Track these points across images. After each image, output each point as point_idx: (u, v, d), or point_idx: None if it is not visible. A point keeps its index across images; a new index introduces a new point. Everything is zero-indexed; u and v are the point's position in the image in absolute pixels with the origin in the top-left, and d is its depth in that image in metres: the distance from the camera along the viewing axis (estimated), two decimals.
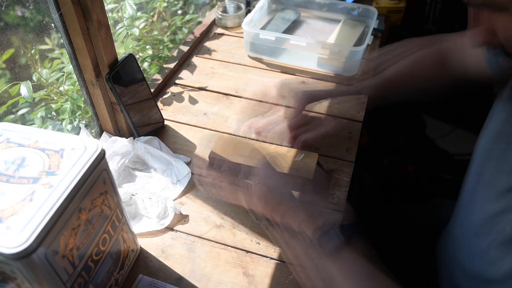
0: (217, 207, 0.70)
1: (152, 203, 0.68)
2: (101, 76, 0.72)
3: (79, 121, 0.83)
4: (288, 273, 0.61)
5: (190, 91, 0.94)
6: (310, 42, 0.94)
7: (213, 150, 0.74)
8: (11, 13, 0.71)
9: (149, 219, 0.68)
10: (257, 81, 0.96)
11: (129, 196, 0.69)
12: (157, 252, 0.64)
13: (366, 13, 1.07)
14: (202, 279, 0.61)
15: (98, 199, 0.48)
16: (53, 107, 0.82)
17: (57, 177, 0.43)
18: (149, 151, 0.75)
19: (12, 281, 0.41)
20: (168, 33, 1.12)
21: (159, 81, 0.93)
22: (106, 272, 0.53)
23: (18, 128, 0.48)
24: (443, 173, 1.42)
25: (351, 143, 0.81)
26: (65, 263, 0.43)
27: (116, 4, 0.93)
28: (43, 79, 0.77)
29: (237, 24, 1.12)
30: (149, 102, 0.82)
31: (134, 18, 0.94)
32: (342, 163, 0.77)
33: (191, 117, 0.87)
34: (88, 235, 0.47)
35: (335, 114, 0.87)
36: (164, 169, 0.75)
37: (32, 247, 0.37)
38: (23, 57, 0.74)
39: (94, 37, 0.67)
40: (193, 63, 1.02)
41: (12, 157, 0.44)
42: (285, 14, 1.12)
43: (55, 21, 0.65)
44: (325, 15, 1.13)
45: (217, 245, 0.65)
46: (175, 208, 0.68)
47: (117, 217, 0.53)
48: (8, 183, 0.42)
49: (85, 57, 0.69)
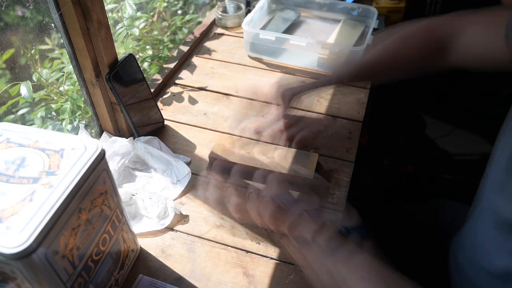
0: (218, 207, 0.70)
1: (152, 203, 0.68)
2: (101, 76, 0.72)
3: (79, 121, 0.83)
4: (288, 273, 0.61)
5: (190, 91, 0.94)
6: (310, 42, 0.94)
7: (213, 150, 0.74)
8: (11, 13, 0.71)
9: (149, 219, 0.68)
10: (257, 81, 0.96)
11: (129, 196, 0.69)
12: (157, 252, 0.64)
13: (366, 13, 1.07)
14: (202, 279, 0.61)
15: (98, 199, 0.48)
16: (53, 107, 0.82)
17: (57, 177, 0.43)
18: (149, 151, 0.75)
19: (12, 281, 0.41)
20: (168, 33, 1.12)
21: (159, 81, 0.93)
22: (106, 272, 0.53)
23: (18, 128, 0.48)
24: (443, 173, 1.42)
25: (351, 143, 0.81)
26: (65, 263, 0.43)
27: (116, 4, 0.93)
28: (43, 79, 0.77)
29: (237, 24, 1.13)
30: (149, 102, 0.82)
31: (134, 18, 0.94)
32: (342, 163, 0.77)
33: (191, 117, 0.87)
34: (88, 235, 0.47)
35: (335, 114, 0.87)
36: (164, 169, 0.75)
37: (32, 247, 0.37)
38: (23, 57, 0.74)
39: (94, 37, 0.67)
40: (193, 63, 1.02)
41: (12, 157, 0.44)
42: (285, 14, 1.12)
43: (55, 21, 0.65)
44: (325, 15, 1.13)
45: (217, 245, 0.65)
46: (175, 208, 0.68)
47: (117, 217, 0.53)
48: (8, 183, 0.42)
49: (85, 57, 0.69)
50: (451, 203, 0.82)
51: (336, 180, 0.74)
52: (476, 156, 1.46)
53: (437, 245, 0.73)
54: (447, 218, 0.78)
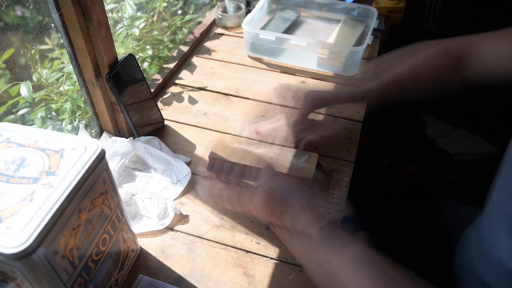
0: (217, 207, 0.70)
1: (152, 203, 0.68)
2: (101, 76, 0.72)
3: (79, 121, 0.83)
4: (288, 273, 0.61)
5: (190, 91, 0.94)
6: (310, 42, 0.94)
7: (213, 150, 0.74)
8: (11, 13, 0.71)
9: (149, 219, 0.68)
10: (257, 81, 0.96)
11: (129, 196, 0.69)
12: (157, 252, 0.64)
13: (366, 13, 1.07)
14: (202, 279, 0.61)
15: (98, 199, 0.48)
16: (53, 107, 0.82)
17: (57, 177, 0.43)
18: (149, 151, 0.75)
19: (12, 281, 0.41)
20: (168, 33, 1.12)
21: (159, 81, 0.93)
22: (106, 272, 0.53)
23: (18, 128, 0.48)
24: (443, 173, 1.42)
25: (351, 143, 0.81)
26: (65, 263, 0.43)
27: (116, 4, 0.93)
28: (43, 79, 0.77)
29: (237, 24, 1.13)
30: (149, 102, 0.82)
31: (134, 18, 0.94)
32: (342, 163, 0.77)
33: (191, 117, 0.87)
34: (88, 235, 0.47)
35: (335, 114, 0.87)
36: (164, 169, 0.75)
37: (32, 247, 0.37)
38: (23, 57, 0.74)
39: (94, 37, 0.67)
40: (193, 63, 1.02)
41: (12, 157, 0.44)
42: (285, 14, 1.12)
43: (55, 21, 0.65)
44: (325, 15, 1.13)
45: (217, 245, 0.65)
46: (175, 208, 0.68)
47: (117, 217, 0.53)
48: (8, 183, 0.42)
49: (85, 57, 0.69)
50: (451, 203, 0.82)
51: (336, 180, 0.74)
52: (476, 156, 1.46)
53: (437, 244, 0.73)
54: (447, 218, 0.78)
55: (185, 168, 0.74)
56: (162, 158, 0.75)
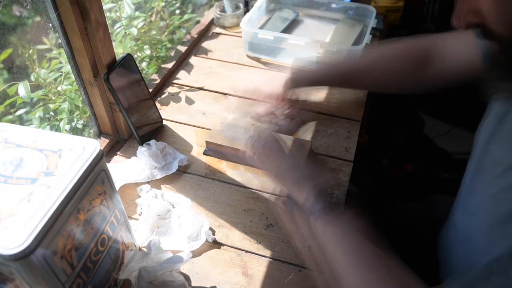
0: (217, 207, 0.70)
1: (187, 221, 0.65)
2: (99, 76, 0.72)
3: (77, 121, 0.82)
4: (287, 273, 0.61)
5: (188, 91, 0.94)
6: (309, 41, 0.94)
7: (210, 134, 0.75)
8: (9, 13, 0.70)
9: (179, 237, 0.64)
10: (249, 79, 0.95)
11: (166, 209, 0.67)
12: None
13: (365, 12, 1.07)
14: (201, 279, 0.60)
15: (97, 199, 0.47)
16: (51, 107, 0.81)
17: (55, 177, 0.42)
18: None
19: (10, 282, 0.41)
20: (166, 32, 1.12)
21: (157, 81, 0.93)
22: (105, 273, 0.53)
23: (16, 129, 0.48)
24: (441, 172, 1.42)
25: (350, 142, 0.81)
26: (64, 264, 0.43)
27: (114, 3, 0.93)
28: (41, 79, 0.77)
29: (235, 24, 1.12)
30: (147, 102, 0.81)
31: (132, 17, 0.94)
32: (341, 162, 0.77)
33: (189, 117, 0.87)
34: (87, 235, 0.47)
35: (334, 114, 0.87)
36: None
37: (30, 248, 0.37)
38: (21, 57, 0.73)
39: (92, 37, 0.67)
40: (191, 62, 1.02)
41: (10, 157, 0.44)
42: (284, 13, 1.11)
43: (53, 21, 0.65)
44: (323, 14, 1.13)
45: (216, 244, 0.65)
46: (209, 235, 0.65)
47: (115, 218, 0.53)
48: (6, 184, 0.42)
49: (83, 57, 0.69)
50: (450, 200, 0.82)
51: (335, 179, 0.74)
52: None
53: (434, 241, 0.74)
54: (445, 213, 0.78)
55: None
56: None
